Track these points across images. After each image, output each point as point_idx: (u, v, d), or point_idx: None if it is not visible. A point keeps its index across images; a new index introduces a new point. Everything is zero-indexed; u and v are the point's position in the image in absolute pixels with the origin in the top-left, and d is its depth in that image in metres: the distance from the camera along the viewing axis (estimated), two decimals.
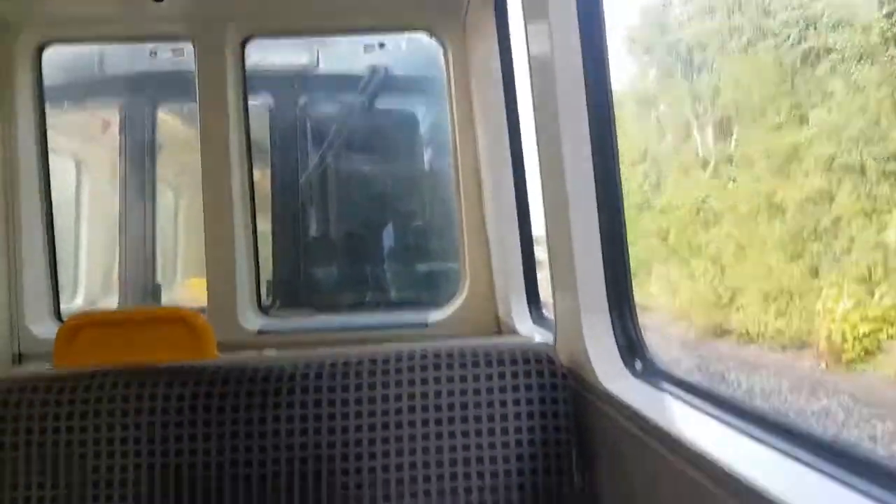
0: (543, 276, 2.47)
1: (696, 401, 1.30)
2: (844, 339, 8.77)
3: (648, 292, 14.22)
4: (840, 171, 10.57)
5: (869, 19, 10.45)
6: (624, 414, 1.35)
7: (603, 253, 1.59)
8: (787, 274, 10.87)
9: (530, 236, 2.69)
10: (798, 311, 10.30)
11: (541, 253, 2.47)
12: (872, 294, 9.06)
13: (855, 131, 10.26)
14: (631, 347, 1.56)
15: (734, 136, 14.33)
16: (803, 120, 11.77)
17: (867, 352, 8.52)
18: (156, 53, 3.74)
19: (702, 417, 1.25)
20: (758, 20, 13.25)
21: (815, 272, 10.49)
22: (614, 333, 1.57)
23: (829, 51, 11.17)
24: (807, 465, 0.96)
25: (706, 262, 13.11)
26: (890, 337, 8.55)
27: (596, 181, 1.59)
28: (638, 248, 15.11)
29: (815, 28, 11.51)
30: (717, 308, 11.82)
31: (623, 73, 17.29)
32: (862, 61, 10.43)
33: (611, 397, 1.42)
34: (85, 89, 4.02)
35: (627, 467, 1.38)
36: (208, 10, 2.82)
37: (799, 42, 11.85)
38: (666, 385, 1.42)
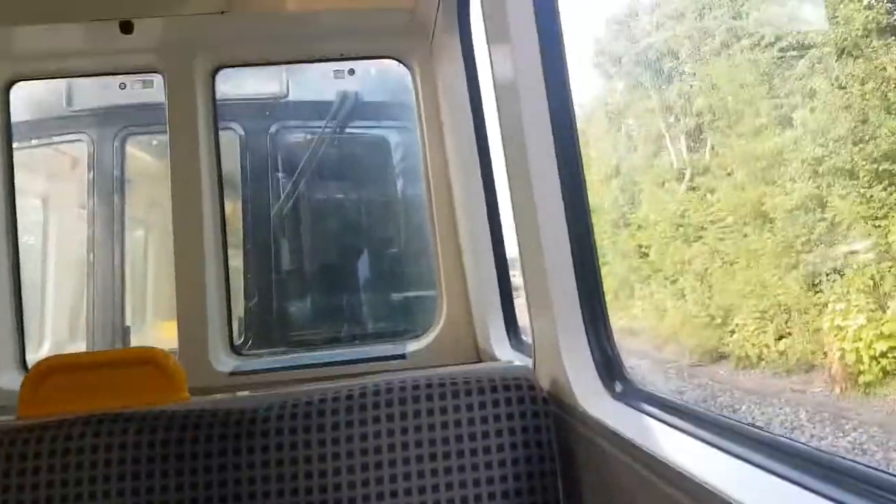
0: (522, 301, 2.49)
1: (677, 420, 1.32)
2: (859, 360, 8.09)
3: (633, 315, 13.85)
4: (830, 175, 10.15)
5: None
6: (605, 436, 1.36)
7: (576, 274, 1.62)
8: (784, 289, 10.29)
9: (505, 261, 2.71)
10: (800, 329, 9.70)
11: (517, 277, 2.50)
12: (884, 307, 8.38)
13: (843, 131, 9.82)
14: (609, 369, 1.59)
15: (710, 145, 14.12)
16: (785, 122, 11.47)
17: (886, 373, 7.85)
18: (125, 86, 3.76)
19: (683, 437, 1.26)
20: (730, 21, 13.08)
21: (814, 285, 9.88)
22: (592, 355, 1.59)
23: (807, 47, 10.86)
24: (789, 479, 0.98)
25: (693, 280, 12.66)
26: None
27: (564, 202, 1.62)
28: (618, 268, 15.01)
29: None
30: (710, 329, 11.27)
31: (592, 87, 17.27)
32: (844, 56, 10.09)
33: (592, 420, 1.44)
34: (52, 125, 4.03)
35: (612, 490, 1.39)
36: (177, 41, 2.84)
37: (774, 41, 11.58)
38: (646, 406, 1.44)
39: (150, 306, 4.42)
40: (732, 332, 10.75)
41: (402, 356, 2.88)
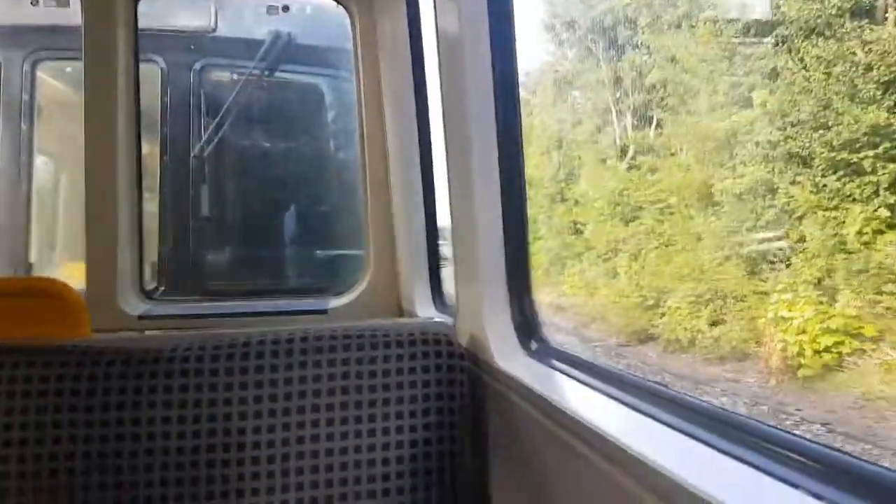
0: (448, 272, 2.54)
1: (586, 377, 1.41)
2: (801, 353, 8.03)
3: (562, 291, 13.83)
4: (783, 160, 10.00)
5: None
6: (517, 390, 1.44)
7: (504, 238, 1.68)
8: (723, 274, 10.20)
9: (436, 224, 2.76)
10: (736, 317, 9.62)
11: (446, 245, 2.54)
12: (832, 301, 8.21)
13: (803, 115, 9.69)
14: (527, 328, 1.67)
15: (658, 123, 13.76)
16: (743, 102, 11.18)
17: (827, 368, 7.78)
18: (38, 2, 3.57)
19: (589, 392, 1.36)
20: None
21: (755, 273, 9.80)
22: (512, 315, 1.67)
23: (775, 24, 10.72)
24: (684, 432, 1.07)
25: (627, 260, 12.48)
26: (855, 351, 7.70)
27: (500, 166, 1.67)
28: (551, 242, 14.96)
29: None
30: (640, 310, 11.21)
31: (541, 53, 17.06)
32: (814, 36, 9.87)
33: (505, 375, 1.51)
34: None
35: (521, 442, 1.48)
36: None
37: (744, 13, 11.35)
38: (558, 363, 1.53)
39: (58, 244, 4.27)
40: (663, 314, 10.72)
41: (324, 311, 2.90)
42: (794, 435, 0.98)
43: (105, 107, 2.70)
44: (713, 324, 9.86)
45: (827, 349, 7.82)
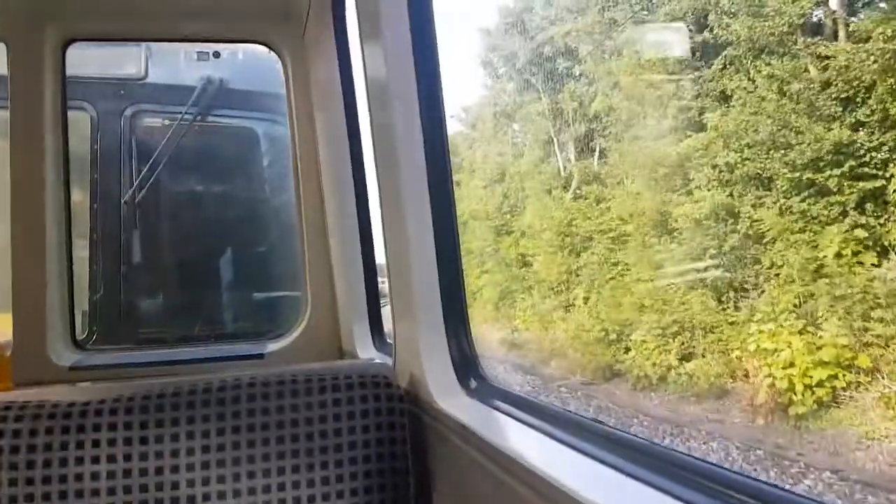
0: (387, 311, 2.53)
1: (526, 416, 1.43)
2: (791, 388, 7.36)
3: (515, 326, 13.43)
4: (743, 183, 9.64)
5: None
6: (457, 431, 1.45)
7: (439, 275, 1.71)
8: (689, 305, 9.59)
9: (374, 264, 2.77)
10: (710, 350, 8.96)
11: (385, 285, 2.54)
12: (817, 329, 7.60)
13: (761, 135, 9.42)
14: (466, 367, 1.68)
15: (602, 151, 13.55)
16: (694, 126, 10.91)
17: (821, 404, 7.13)
18: None
19: (529, 431, 1.37)
20: (637, 13, 12.66)
21: (723, 302, 9.23)
22: (450, 354, 1.69)
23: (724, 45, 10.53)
24: (628, 474, 1.09)
25: (584, 292, 11.95)
26: (850, 385, 7.06)
27: (432, 206, 1.71)
28: (499, 276, 14.66)
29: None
30: (603, 345, 10.57)
31: (479, 88, 17.27)
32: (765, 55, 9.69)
33: (445, 416, 1.52)
34: None
35: (462, 484, 1.48)
36: (25, 7, 2.67)
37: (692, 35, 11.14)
38: (498, 402, 1.55)
39: None
40: (628, 348, 10.13)
41: (261, 356, 2.87)
42: (736, 473, 1.00)
43: (32, 154, 2.66)
44: (683, 358, 9.26)
45: (820, 383, 7.19)
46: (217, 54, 3.68)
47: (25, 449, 1.49)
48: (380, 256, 2.75)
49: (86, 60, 3.56)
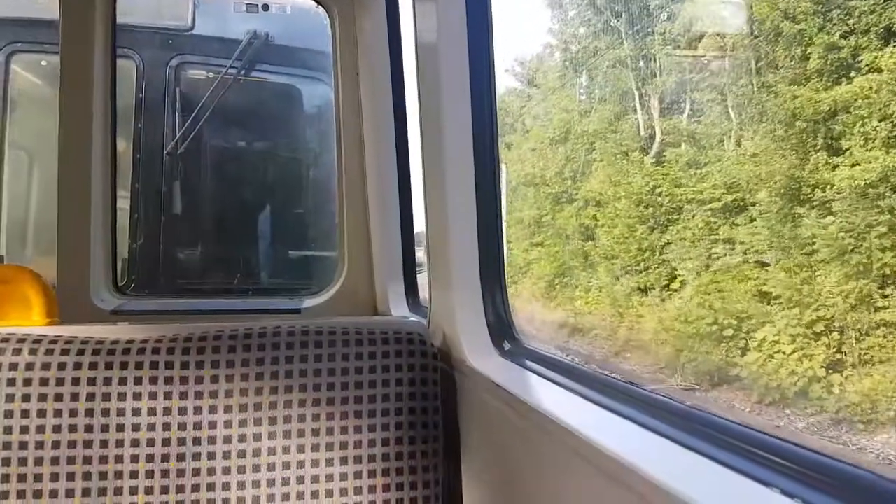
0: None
1: (557, 376, 1.46)
2: None
3: (577, 308, 11.44)
4: None
5: None
6: (489, 389, 1.49)
7: (479, 239, 1.73)
8: (846, 297, 7.20)
9: (412, 224, 2.81)
10: (882, 358, 6.73)
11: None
12: None
13: None
14: (500, 329, 1.72)
15: (699, 104, 11.14)
16: (846, 69, 8.24)
17: None
18: None
19: (563, 392, 1.40)
20: None
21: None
22: (486, 316, 1.72)
23: None
24: (659, 433, 1.10)
25: (683, 273, 9.60)
26: None
27: (476, 168, 1.73)
28: (555, 250, 12.68)
29: None
30: (711, 341, 8.35)
31: (544, 33, 14.93)
32: None
33: (478, 375, 1.56)
34: None
35: (492, 440, 1.53)
36: None
37: None
38: (530, 363, 1.58)
39: (30, 238, 4.24)
40: (744, 348, 7.96)
41: (297, 311, 2.93)
42: (762, 433, 1.00)
43: (81, 100, 2.72)
44: (830, 367, 7.05)
45: None
46: (266, 7, 3.71)
47: (70, 381, 1.55)
48: (418, 224, 2.80)
49: (134, 9, 3.61)
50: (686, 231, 10.06)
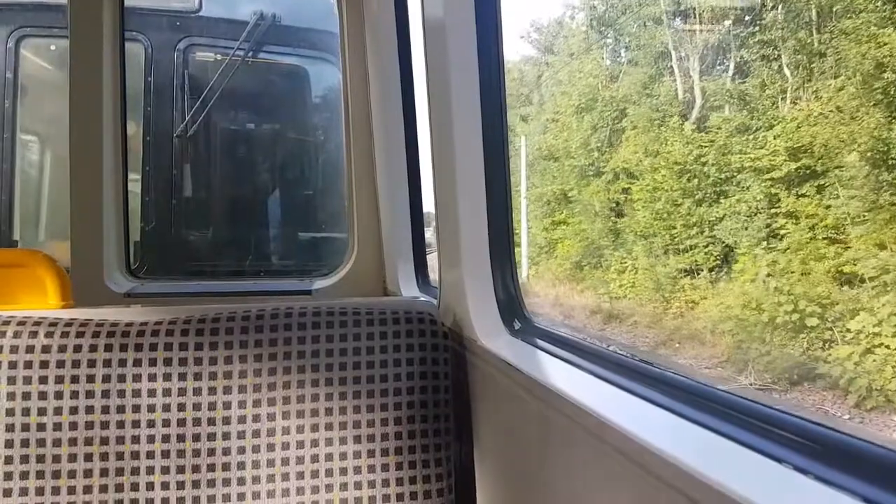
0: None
1: (567, 353, 1.47)
2: None
3: (610, 292, 10.28)
4: None
5: None
6: (499, 367, 1.50)
7: (488, 218, 1.74)
8: None
9: (421, 206, 2.82)
10: None
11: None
12: None
13: None
14: (510, 308, 1.73)
15: (747, 62, 9.65)
16: None
17: None
18: None
19: (574, 370, 1.41)
20: None
21: None
22: (496, 295, 1.73)
23: None
24: (673, 410, 1.10)
25: (725, 249, 8.37)
26: None
27: (484, 147, 1.73)
28: (582, 228, 11.61)
29: None
30: (786, 332, 6.76)
31: None
32: None
33: (488, 353, 1.57)
34: None
35: (504, 419, 1.54)
36: None
37: None
38: (540, 341, 1.59)
39: (43, 223, 4.28)
40: (830, 341, 6.38)
41: (308, 292, 2.96)
42: (776, 409, 1.00)
43: (90, 84, 2.73)
44: None
45: None
46: None
47: (86, 363, 1.58)
48: (427, 204, 2.80)
49: None
50: (740, 204, 8.70)
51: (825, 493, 0.80)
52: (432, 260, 2.70)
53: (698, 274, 8.87)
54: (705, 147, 9.54)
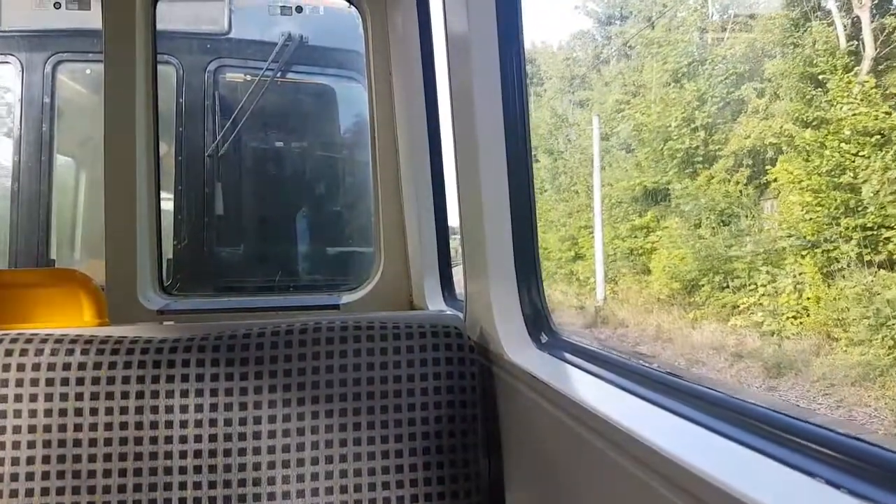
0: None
1: (595, 367, 1.44)
2: None
3: (758, 323, 7.24)
4: None
5: None
6: (526, 381, 1.47)
7: (513, 232, 1.72)
8: None
9: (446, 220, 2.81)
10: None
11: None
12: None
13: None
14: (537, 321, 1.70)
15: None
16: None
17: None
18: (60, 5, 3.65)
19: (603, 384, 1.37)
20: None
21: None
22: (522, 309, 1.70)
23: None
24: (701, 424, 1.07)
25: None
26: None
27: (508, 161, 1.71)
28: (698, 234, 8.35)
29: None
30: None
31: None
32: None
33: (515, 367, 1.55)
34: None
35: (532, 433, 1.51)
36: None
37: None
38: (568, 355, 1.56)
39: (78, 242, 4.35)
40: None
41: (336, 306, 2.96)
42: (806, 422, 0.97)
43: (124, 106, 2.77)
44: None
45: None
46: (300, 9, 3.74)
47: (121, 380, 1.59)
48: (452, 219, 2.79)
49: (173, 15, 3.67)
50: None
51: None
52: (458, 274, 2.70)
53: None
54: None
